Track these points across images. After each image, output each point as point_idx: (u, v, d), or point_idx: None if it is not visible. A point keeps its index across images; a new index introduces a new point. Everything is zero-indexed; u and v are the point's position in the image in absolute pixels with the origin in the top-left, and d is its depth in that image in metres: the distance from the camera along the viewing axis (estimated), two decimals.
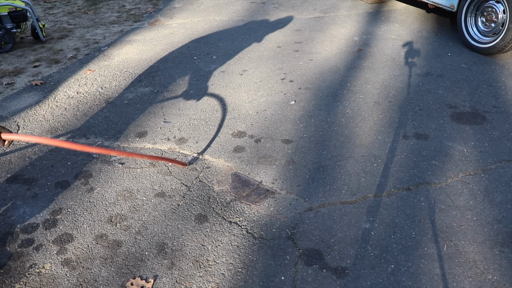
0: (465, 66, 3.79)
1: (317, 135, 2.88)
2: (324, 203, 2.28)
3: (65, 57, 4.43)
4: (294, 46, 4.44)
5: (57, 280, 1.90)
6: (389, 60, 3.99)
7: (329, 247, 2.01)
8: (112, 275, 1.91)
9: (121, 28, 5.29)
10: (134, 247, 2.06)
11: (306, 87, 3.55)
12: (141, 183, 2.49)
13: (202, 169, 2.59)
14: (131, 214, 2.26)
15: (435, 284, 1.80)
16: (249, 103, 3.34)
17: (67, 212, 2.29)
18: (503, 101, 3.17)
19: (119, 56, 4.34)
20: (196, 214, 2.25)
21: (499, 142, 2.71)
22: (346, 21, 5.17)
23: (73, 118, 3.22)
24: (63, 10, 6.35)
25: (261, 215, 2.22)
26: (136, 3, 6.49)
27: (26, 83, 3.83)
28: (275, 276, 1.88)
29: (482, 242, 2.00)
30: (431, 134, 2.83)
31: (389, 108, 3.18)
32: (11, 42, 4.56)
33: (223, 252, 2.01)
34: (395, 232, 2.07)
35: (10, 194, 2.44)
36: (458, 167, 2.51)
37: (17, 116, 3.26)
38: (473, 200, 2.25)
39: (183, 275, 1.90)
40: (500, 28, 3.77)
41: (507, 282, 1.80)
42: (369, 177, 2.45)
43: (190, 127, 3.04)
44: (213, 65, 4.05)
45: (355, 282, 1.83)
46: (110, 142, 2.90)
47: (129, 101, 3.46)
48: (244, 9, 5.86)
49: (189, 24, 5.32)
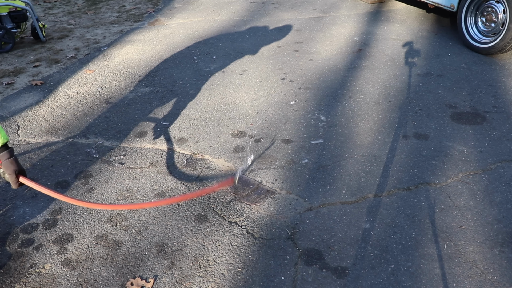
0: (465, 66, 3.79)
1: (317, 135, 2.88)
2: (324, 203, 2.28)
3: (65, 57, 4.43)
4: (294, 46, 4.44)
5: (57, 280, 1.90)
6: (389, 60, 3.99)
7: (329, 247, 2.01)
8: (112, 275, 1.91)
9: (121, 28, 5.30)
10: (134, 247, 2.06)
11: (306, 87, 3.55)
12: (141, 183, 2.49)
13: (202, 169, 2.59)
14: (131, 214, 2.26)
15: (435, 284, 1.80)
16: (249, 103, 3.34)
17: (67, 212, 2.29)
18: (503, 101, 3.17)
19: (119, 56, 4.34)
20: (196, 214, 2.25)
21: (499, 142, 2.71)
22: (346, 21, 5.17)
23: (73, 118, 3.22)
24: (63, 10, 6.36)
25: (261, 215, 2.22)
26: (136, 3, 6.50)
27: (26, 83, 3.83)
28: (275, 276, 1.88)
29: (482, 242, 2.00)
30: (431, 134, 2.83)
31: (389, 108, 3.18)
32: (11, 42, 4.56)
33: (223, 252, 2.01)
34: (395, 232, 2.07)
35: (10, 194, 2.44)
36: (458, 167, 2.51)
37: (17, 116, 3.26)
38: (473, 200, 2.25)
39: (183, 275, 1.90)
40: (500, 28, 3.77)
41: (507, 282, 1.80)
42: (369, 177, 2.45)
43: (190, 127, 3.04)
44: (213, 65, 4.05)
45: (355, 282, 1.83)
46: (110, 142, 2.90)
47: (129, 101, 3.46)
48: (244, 9, 5.86)
49: (189, 24, 5.32)
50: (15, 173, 1.62)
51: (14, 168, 1.61)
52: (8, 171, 1.61)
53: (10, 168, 1.61)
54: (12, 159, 1.60)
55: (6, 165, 1.60)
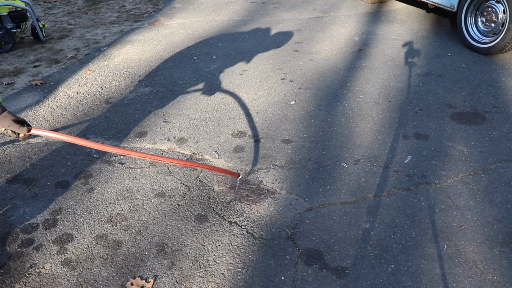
0: (465, 66, 3.79)
1: (317, 135, 2.88)
2: (324, 203, 2.28)
3: (65, 57, 4.43)
4: (294, 46, 4.44)
5: (57, 280, 1.90)
6: (389, 60, 3.99)
7: (329, 247, 2.01)
8: (112, 275, 1.91)
9: (121, 28, 5.30)
10: (134, 247, 2.06)
11: (306, 87, 3.55)
12: (141, 183, 2.49)
13: (202, 169, 2.59)
14: (131, 214, 2.26)
15: (435, 284, 1.80)
16: (249, 103, 3.34)
17: (67, 212, 2.29)
18: (503, 101, 3.17)
19: (119, 56, 4.34)
20: (196, 214, 2.25)
21: (499, 142, 2.71)
22: (346, 21, 5.17)
23: (73, 118, 3.22)
24: (63, 10, 6.36)
25: (261, 215, 2.22)
26: (136, 3, 6.49)
27: (26, 83, 3.83)
28: (275, 276, 1.88)
29: (482, 242, 2.00)
30: (431, 134, 2.83)
31: (389, 108, 3.18)
32: (11, 42, 4.56)
33: (223, 252, 2.01)
34: (395, 232, 2.07)
35: (10, 194, 2.44)
36: (458, 167, 2.51)
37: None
38: (473, 200, 2.25)
39: (183, 275, 1.90)
40: (500, 28, 3.77)
41: (507, 282, 1.80)
42: (369, 177, 2.45)
43: (190, 127, 3.04)
44: (213, 65, 4.05)
45: (355, 282, 1.83)
46: (110, 142, 2.90)
47: (129, 101, 3.46)
48: (244, 9, 5.86)
49: (189, 24, 5.32)
50: (14, 122, 1.63)
51: (11, 118, 1.63)
52: (5, 124, 1.63)
53: (7, 120, 1.62)
54: (5, 112, 1.62)
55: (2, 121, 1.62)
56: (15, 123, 1.64)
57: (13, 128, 1.64)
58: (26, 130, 1.66)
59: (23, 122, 1.67)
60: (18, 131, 1.65)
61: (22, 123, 1.67)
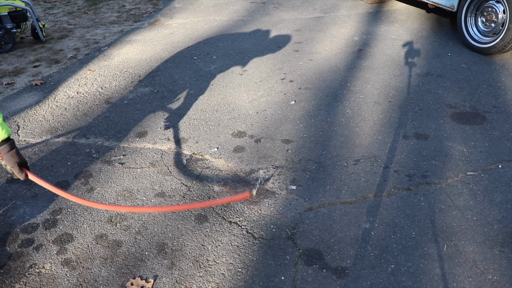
0: (465, 66, 3.79)
1: (317, 135, 2.88)
2: (324, 203, 2.28)
3: (65, 57, 4.43)
4: (294, 46, 4.44)
5: (57, 280, 1.90)
6: (389, 60, 3.99)
7: (329, 247, 2.01)
8: (112, 275, 1.91)
9: (121, 28, 5.30)
10: (134, 247, 2.06)
11: (306, 87, 3.55)
12: (141, 183, 2.49)
13: (202, 169, 2.59)
14: (131, 214, 2.26)
15: (435, 284, 1.80)
16: (249, 103, 3.34)
17: (67, 212, 2.29)
18: (503, 101, 3.17)
19: (119, 56, 4.34)
20: (196, 214, 2.25)
21: (499, 142, 2.71)
22: (346, 21, 5.17)
23: (73, 118, 3.22)
24: (63, 10, 6.36)
25: (261, 215, 2.22)
26: (136, 3, 6.50)
27: (26, 83, 3.83)
28: (275, 276, 1.88)
29: (482, 242, 2.00)
30: (431, 134, 2.83)
31: (389, 108, 3.18)
32: (11, 42, 4.56)
33: (223, 252, 2.01)
34: (395, 232, 2.07)
35: (10, 194, 2.44)
36: (458, 167, 2.51)
37: (17, 116, 3.26)
38: (473, 200, 2.25)
39: (183, 275, 1.90)
40: (500, 28, 3.77)
41: (507, 282, 1.80)
42: (369, 177, 2.45)
43: (190, 127, 3.04)
44: (213, 65, 4.05)
45: (355, 282, 1.83)
46: (110, 142, 2.90)
47: (129, 101, 3.46)
48: (244, 9, 5.86)
49: (189, 24, 5.32)
50: (17, 165, 1.65)
51: (15, 160, 1.64)
52: (9, 164, 1.64)
53: (12, 161, 1.64)
54: (13, 151, 1.63)
55: (7, 158, 1.63)
56: (18, 167, 1.66)
57: (14, 170, 1.66)
58: (23, 177, 1.68)
59: (25, 164, 1.70)
60: (17, 175, 1.68)
61: (25, 165, 1.69)
